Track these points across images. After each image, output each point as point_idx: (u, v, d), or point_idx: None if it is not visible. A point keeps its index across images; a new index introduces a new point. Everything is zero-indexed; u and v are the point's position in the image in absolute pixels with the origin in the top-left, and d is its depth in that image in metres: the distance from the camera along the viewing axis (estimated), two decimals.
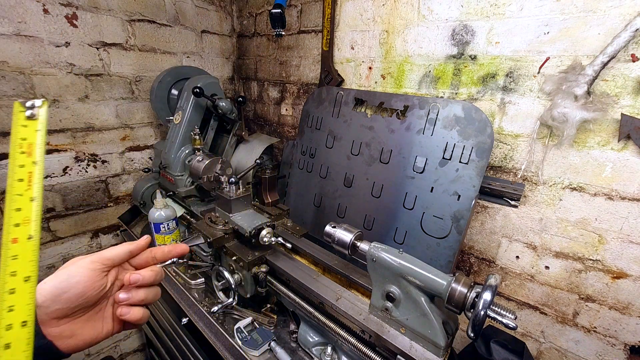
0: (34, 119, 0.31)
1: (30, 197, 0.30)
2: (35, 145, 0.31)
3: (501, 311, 0.62)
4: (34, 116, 0.31)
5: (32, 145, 0.31)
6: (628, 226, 0.97)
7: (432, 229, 1.18)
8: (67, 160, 1.54)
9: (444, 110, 1.16)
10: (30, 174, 0.31)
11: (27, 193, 0.30)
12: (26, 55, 1.33)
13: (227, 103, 1.48)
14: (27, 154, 0.31)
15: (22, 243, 0.30)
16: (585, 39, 0.93)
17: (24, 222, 0.30)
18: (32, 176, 0.31)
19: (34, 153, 0.31)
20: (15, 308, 0.30)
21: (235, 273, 1.08)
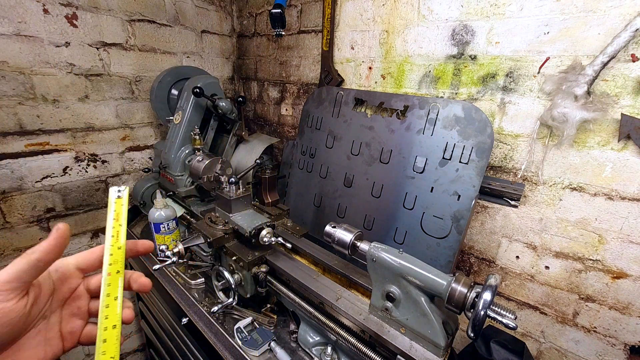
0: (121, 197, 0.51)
1: (118, 247, 0.49)
2: (121, 214, 0.50)
3: (501, 311, 0.62)
4: (121, 197, 0.51)
5: (119, 214, 0.50)
6: (628, 226, 0.97)
7: (432, 229, 1.18)
8: (67, 160, 1.54)
9: (444, 110, 1.16)
10: (117, 232, 0.49)
11: (116, 244, 0.48)
12: (26, 55, 1.33)
13: (227, 103, 1.48)
14: (116, 220, 0.49)
15: (113, 275, 0.47)
16: (585, 39, 0.93)
17: (114, 262, 0.48)
18: (119, 233, 0.49)
19: (120, 219, 0.50)
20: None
21: (235, 273, 1.08)
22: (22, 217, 1.45)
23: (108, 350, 0.44)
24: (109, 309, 0.46)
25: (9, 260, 1.44)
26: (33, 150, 1.43)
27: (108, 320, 0.45)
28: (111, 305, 0.46)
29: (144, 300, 1.65)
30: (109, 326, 0.45)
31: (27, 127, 1.39)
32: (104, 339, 0.44)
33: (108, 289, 0.46)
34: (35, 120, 1.40)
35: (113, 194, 0.51)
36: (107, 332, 0.45)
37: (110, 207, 0.50)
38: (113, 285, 0.47)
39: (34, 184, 1.46)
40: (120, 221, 0.50)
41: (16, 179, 1.40)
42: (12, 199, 1.41)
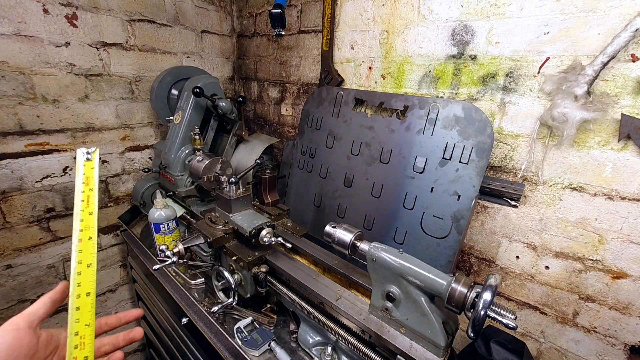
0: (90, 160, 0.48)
1: (89, 212, 0.46)
2: (91, 178, 0.47)
3: (501, 311, 0.62)
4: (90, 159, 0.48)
5: (89, 178, 0.47)
6: (628, 226, 0.97)
7: (432, 229, 1.18)
8: (67, 160, 1.54)
9: (444, 110, 1.16)
10: (88, 197, 0.46)
11: (87, 209, 0.46)
12: (26, 55, 1.33)
13: (227, 103, 1.48)
14: (86, 184, 0.47)
15: (84, 241, 0.45)
16: (585, 39, 0.93)
17: (85, 228, 0.46)
18: (89, 198, 0.46)
19: (91, 183, 0.47)
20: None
21: (235, 273, 1.08)
22: (22, 217, 1.45)
23: (82, 318, 0.43)
24: (82, 276, 0.44)
25: (9, 260, 1.44)
26: (33, 150, 1.43)
27: (81, 288, 0.44)
28: (84, 273, 0.45)
29: (144, 301, 1.65)
30: (82, 294, 0.44)
31: (27, 127, 1.39)
32: (77, 306, 0.44)
33: (79, 256, 0.45)
34: (35, 120, 1.40)
35: (80, 156, 0.48)
36: (81, 299, 0.44)
37: (79, 170, 0.47)
38: (85, 252, 0.45)
39: (34, 184, 1.46)
40: (91, 185, 0.47)
41: (16, 179, 1.40)
42: (12, 199, 1.41)
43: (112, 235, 1.80)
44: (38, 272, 1.55)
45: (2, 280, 1.45)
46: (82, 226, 0.45)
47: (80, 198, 0.46)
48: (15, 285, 1.49)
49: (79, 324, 0.43)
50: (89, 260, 0.45)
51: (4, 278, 1.45)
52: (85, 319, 0.43)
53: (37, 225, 1.51)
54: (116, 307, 1.94)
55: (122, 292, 1.94)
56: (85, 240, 0.45)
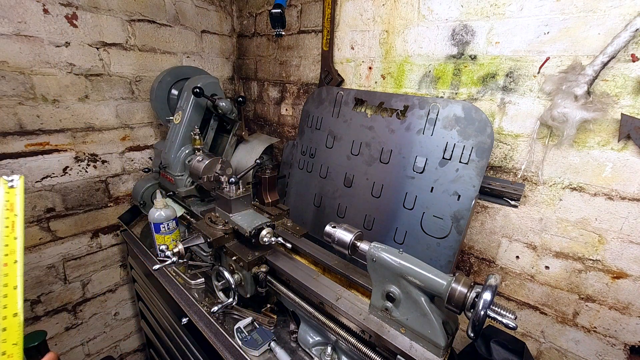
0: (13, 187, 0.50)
1: (14, 237, 0.48)
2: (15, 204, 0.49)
3: (501, 311, 0.62)
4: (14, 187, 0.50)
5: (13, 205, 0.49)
6: (628, 226, 0.97)
7: (432, 229, 1.18)
8: (67, 160, 1.54)
9: (444, 110, 1.16)
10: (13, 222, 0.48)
11: (11, 234, 0.48)
12: (26, 55, 1.33)
13: (227, 103, 1.48)
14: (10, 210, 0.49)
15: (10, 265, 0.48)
16: (585, 39, 0.93)
17: (10, 252, 0.48)
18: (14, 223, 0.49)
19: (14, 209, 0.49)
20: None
21: (235, 273, 1.08)
22: None
23: (9, 338, 0.45)
24: (8, 298, 0.47)
25: None
26: (33, 150, 1.43)
27: (7, 310, 0.46)
28: (10, 295, 0.47)
29: (144, 300, 1.65)
30: (8, 315, 0.46)
31: (27, 127, 1.39)
32: (4, 327, 0.46)
33: (5, 280, 0.47)
34: (35, 120, 1.40)
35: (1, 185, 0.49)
36: (7, 320, 0.46)
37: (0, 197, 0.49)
38: (11, 275, 0.47)
39: (34, 184, 1.46)
40: (15, 211, 0.49)
41: None
42: None
43: (112, 235, 1.81)
44: (38, 272, 1.55)
45: None
46: (6, 251, 0.48)
47: (4, 224, 0.48)
48: None
49: (7, 344, 0.45)
50: (14, 283, 0.47)
51: None
52: (12, 339, 0.46)
53: (37, 225, 1.51)
54: (116, 307, 1.94)
55: (122, 292, 1.94)
56: (11, 264, 0.48)
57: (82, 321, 1.78)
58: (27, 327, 1.57)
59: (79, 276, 1.71)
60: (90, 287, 1.78)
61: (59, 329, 1.70)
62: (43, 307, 1.60)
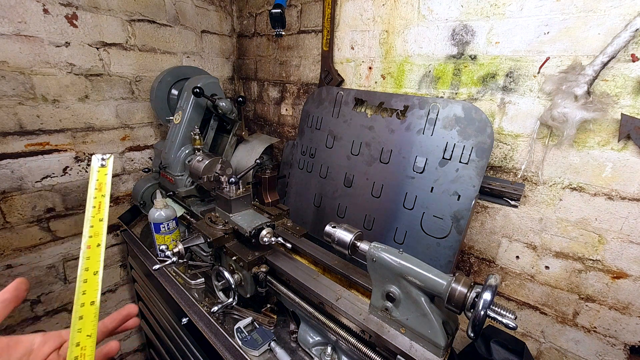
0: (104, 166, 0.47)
1: (99, 218, 0.45)
2: (104, 184, 0.47)
3: (501, 311, 0.62)
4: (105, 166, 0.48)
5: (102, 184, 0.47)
6: (628, 226, 0.97)
7: (432, 229, 1.18)
8: (67, 160, 1.54)
9: (444, 110, 1.16)
10: (100, 203, 0.46)
11: (97, 215, 0.45)
12: (26, 55, 1.33)
13: (227, 103, 1.48)
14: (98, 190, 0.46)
15: (93, 248, 0.44)
16: (585, 39, 0.93)
17: (94, 234, 0.45)
18: (101, 204, 0.46)
19: (103, 189, 0.47)
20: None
21: (235, 273, 1.08)
22: (22, 217, 1.45)
23: (84, 328, 0.41)
24: (87, 284, 0.43)
25: (8, 260, 1.44)
26: (33, 150, 1.43)
27: (86, 296, 0.43)
28: (90, 281, 0.43)
29: (144, 301, 1.65)
30: (86, 302, 0.42)
31: (27, 127, 1.39)
32: (81, 315, 0.42)
33: (87, 263, 0.43)
34: (35, 120, 1.40)
35: (95, 162, 0.47)
36: (85, 308, 0.42)
37: (93, 176, 0.46)
38: (93, 259, 0.44)
39: (34, 184, 1.46)
40: (104, 192, 0.46)
41: (16, 179, 1.40)
42: (12, 199, 1.41)
43: (112, 235, 1.80)
44: (38, 272, 1.55)
45: (2, 280, 1.45)
46: (91, 232, 0.44)
47: (92, 204, 0.45)
48: None
49: (81, 334, 0.41)
50: (95, 268, 0.44)
51: (4, 278, 1.45)
52: (87, 329, 0.41)
53: (37, 225, 1.51)
54: (116, 307, 1.94)
55: (122, 292, 1.94)
56: (94, 247, 0.44)
57: None
58: (27, 327, 1.57)
59: None
60: None
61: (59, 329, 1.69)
62: (43, 307, 1.60)
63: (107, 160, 0.48)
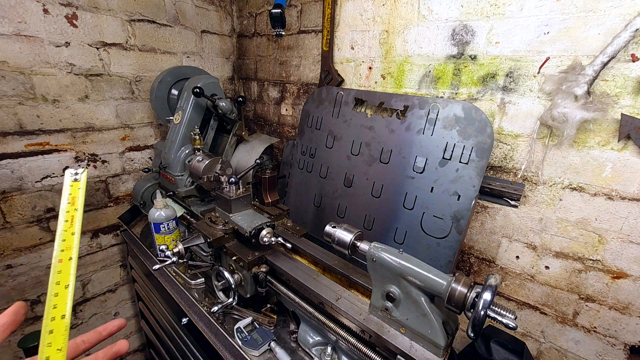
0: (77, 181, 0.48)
1: (72, 232, 0.45)
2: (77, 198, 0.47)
3: (501, 311, 0.62)
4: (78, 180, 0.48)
5: (75, 198, 0.47)
6: (628, 226, 0.97)
7: (432, 229, 1.18)
8: (67, 160, 1.54)
9: (444, 110, 1.16)
10: (72, 217, 0.46)
11: (70, 229, 0.45)
12: (26, 55, 1.33)
13: (227, 103, 1.48)
14: (71, 204, 0.46)
15: (64, 262, 0.44)
16: (585, 39, 0.93)
17: (66, 248, 0.45)
18: (74, 218, 0.46)
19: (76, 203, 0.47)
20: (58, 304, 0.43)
21: (235, 273, 1.08)
22: (22, 217, 1.45)
23: (54, 342, 0.41)
24: (58, 297, 0.43)
25: (8, 260, 1.44)
26: (33, 150, 1.43)
27: (56, 310, 0.42)
28: (61, 294, 0.43)
29: (144, 301, 1.65)
30: (57, 316, 0.42)
31: (27, 127, 1.39)
32: (51, 329, 0.41)
33: (58, 277, 0.43)
34: (35, 120, 1.40)
35: (68, 177, 0.48)
36: (55, 322, 0.42)
37: (65, 190, 0.47)
38: (64, 272, 0.44)
39: (34, 184, 1.46)
40: (76, 205, 0.47)
41: (16, 179, 1.40)
42: (12, 199, 1.41)
43: (112, 235, 1.80)
44: (38, 272, 1.55)
45: (2, 280, 1.45)
46: (63, 246, 0.45)
47: (64, 218, 0.46)
48: (15, 285, 1.49)
49: (51, 348, 0.40)
50: (66, 281, 0.44)
51: (4, 278, 1.45)
52: (57, 343, 0.41)
53: (37, 225, 1.51)
54: (116, 307, 1.94)
55: (122, 292, 1.94)
56: (66, 261, 0.44)
57: (82, 321, 1.78)
58: (27, 327, 1.57)
59: (79, 276, 1.71)
60: (90, 287, 1.78)
61: None
62: (43, 307, 1.60)
63: (80, 175, 0.48)
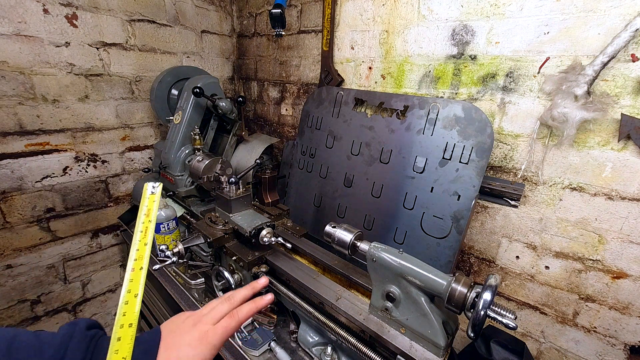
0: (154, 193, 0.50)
1: (145, 243, 0.47)
2: (152, 211, 0.49)
3: (501, 311, 0.62)
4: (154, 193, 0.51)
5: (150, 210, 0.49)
6: (628, 226, 0.97)
7: (432, 229, 1.18)
8: (67, 160, 1.54)
9: (444, 110, 1.16)
10: (147, 228, 0.48)
11: (143, 240, 0.47)
12: (26, 55, 1.33)
13: (227, 103, 1.48)
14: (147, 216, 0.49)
15: (136, 271, 0.46)
16: (585, 39, 0.93)
17: (139, 258, 0.47)
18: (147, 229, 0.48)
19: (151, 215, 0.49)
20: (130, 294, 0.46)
21: (235, 273, 1.08)
22: (22, 217, 1.45)
23: (121, 350, 0.41)
24: (128, 305, 0.44)
25: (8, 260, 1.44)
26: (33, 150, 1.43)
27: (125, 318, 0.43)
28: (130, 302, 0.44)
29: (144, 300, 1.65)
30: (125, 324, 0.43)
31: (27, 127, 1.39)
32: (119, 337, 0.42)
33: (130, 285, 0.45)
34: (35, 120, 1.40)
35: (148, 189, 0.50)
36: (123, 330, 0.42)
37: (144, 202, 0.49)
38: (135, 281, 0.45)
39: (34, 184, 1.46)
40: (151, 217, 0.49)
41: (16, 179, 1.40)
42: (12, 199, 1.41)
43: (112, 235, 1.80)
44: (38, 272, 1.55)
45: (2, 280, 1.45)
46: (137, 255, 0.46)
47: (140, 229, 0.47)
48: (15, 285, 1.49)
49: (117, 356, 0.41)
50: (136, 290, 0.45)
51: (4, 278, 1.45)
52: (123, 351, 0.41)
53: (37, 225, 1.51)
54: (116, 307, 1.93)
55: None
56: (137, 270, 0.45)
57: None
58: (27, 327, 1.57)
59: (79, 276, 1.70)
60: (90, 287, 1.78)
61: None
62: (43, 307, 1.60)
63: (156, 189, 0.50)
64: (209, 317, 0.51)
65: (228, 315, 0.53)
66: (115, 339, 0.42)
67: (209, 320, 0.51)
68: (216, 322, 0.51)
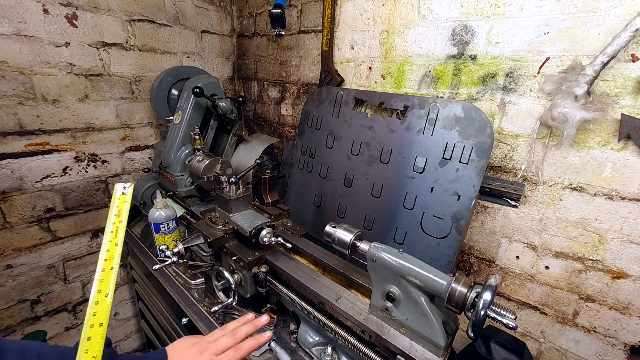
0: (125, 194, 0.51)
1: (115, 243, 0.48)
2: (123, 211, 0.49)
3: (501, 311, 0.62)
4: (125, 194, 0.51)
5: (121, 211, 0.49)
6: (628, 226, 0.97)
7: (432, 229, 1.18)
8: (67, 160, 1.54)
9: (444, 110, 1.16)
10: (117, 228, 0.48)
11: (114, 240, 0.48)
12: (26, 55, 1.33)
13: (227, 103, 1.48)
14: (117, 216, 0.49)
15: (107, 271, 0.46)
16: (585, 39, 0.93)
17: (109, 258, 0.47)
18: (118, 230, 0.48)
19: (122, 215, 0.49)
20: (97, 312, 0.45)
21: (235, 273, 1.08)
22: (22, 217, 1.45)
23: (91, 349, 0.42)
24: (98, 305, 0.44)
25: (8, 260, 1.44)
26: (33, 150, 1.43)
27: (95, 317, 0.43)
28: (101, 302, 0.44)
29: (144, 301, 1.65)
30: (95, 323, 0.43)
31: (27, 127, 1.39)
32: (89, 336, 0.42)
33: (100, 285, 0.45)
34: (35, 120, 1.40)
35: (119, 189, 0.50)
36: (93, 329, 0.43)
37: (114, 202, 0.49)
38: (105, 281, 0.45)
39: (34, 184, 1.46)
40: (122, 217, 0.49)
41: (16, 179, 1.40)
42: (12, 199, 1.41)
43: None
44: (38, 272, 1.55)
45: (2, 280, 1.45)
46: (107, 256, 0.46)
47: (110, 229, 0.48)
48: (15, 285, 1.49)
49: (87, 355, 0.42)
50: (107, 290, 0.45)
51: (4, 278, 1.45)
52: (93, 351, 0.42)
53: (37, 225, 1.51)
54: (116, 307, 1.94)
55: (122, 292, 1.94)
56: (108, 270, 0.46)
57: (82, 321, 1.78)
58: (27, 327, 1.57)
59: (79, 276, 1.71)
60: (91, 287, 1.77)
61: (59, 329, 1.70)
62: (43, 307, 1.60)
63: (127, 189, 0.51)
64: (214, 348, 0.55)
65: (233, 349, 0.57)
66: (85, 339, 0.42)
67: (214, 351, 0.54)
68: (220, 353, 0.55)
